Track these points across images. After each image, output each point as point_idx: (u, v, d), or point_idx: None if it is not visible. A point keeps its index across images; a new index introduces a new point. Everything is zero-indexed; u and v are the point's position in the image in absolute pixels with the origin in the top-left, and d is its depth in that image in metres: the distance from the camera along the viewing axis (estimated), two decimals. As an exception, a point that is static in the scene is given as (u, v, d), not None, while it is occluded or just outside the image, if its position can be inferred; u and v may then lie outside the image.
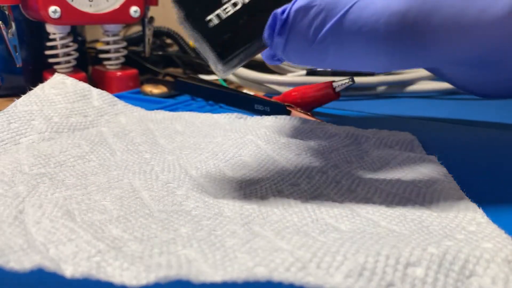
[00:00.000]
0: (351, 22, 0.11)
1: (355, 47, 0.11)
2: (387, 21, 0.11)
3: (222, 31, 0.11)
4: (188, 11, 0.11)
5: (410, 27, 0.11)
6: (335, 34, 0.11)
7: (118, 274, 0.09)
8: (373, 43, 0.11)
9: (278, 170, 0.15)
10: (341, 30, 0.11)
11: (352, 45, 0.11)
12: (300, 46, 0.11)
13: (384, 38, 0.11)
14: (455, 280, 0.09)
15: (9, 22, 0.25)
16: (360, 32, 0.11)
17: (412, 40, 0.11)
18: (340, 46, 0.11)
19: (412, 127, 0.20)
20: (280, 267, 0.08)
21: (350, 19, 0.11)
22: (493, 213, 0.12)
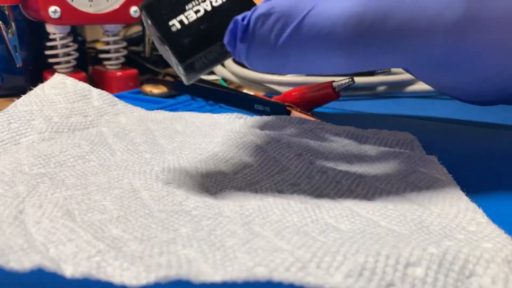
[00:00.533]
0: (310, 27, 0.11)
1: (315, 52, 0.11)
2: (344, 25, 0.11)
3: (183, 35, 0.12)
4: (153, 16, 0.12)
5: (366, 30, 0.11)
6: (295, 40, 0.11)
7: (118, 274, 0.09)
8: (332, 47, 0.11)
9: (278, 170, 0.15)
10: (300, 35, 0.11)
11: (312, 50, 0.11)
12: (262, 52, 0.11)
13: (342, 41, 0.11)
14: (455, 280, 0.09)
15: (9, 22, 0.25)
16: (319, 36, 0.11)
17: (369, 43, 0.11)
18: (301, 51, 0.11)
19: (412, 127, 0.20)
20: (280, 267, 0.08)
21: (308, 24, 0.11)
22: (493, 213, 0.12)
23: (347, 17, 0.11)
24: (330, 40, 0.11)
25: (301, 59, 0.11)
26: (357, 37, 0.11)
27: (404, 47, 0.11)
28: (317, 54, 0.11)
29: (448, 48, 0.12)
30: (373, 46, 0.11)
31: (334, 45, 0.11)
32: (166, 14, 0.12)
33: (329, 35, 0.11)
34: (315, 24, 0.11)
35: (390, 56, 0.12)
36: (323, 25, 0.11)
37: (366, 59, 0.12)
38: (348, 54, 0.11)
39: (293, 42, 0.11)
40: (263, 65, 0.12)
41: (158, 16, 0.12)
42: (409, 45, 0.11)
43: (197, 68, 0.12)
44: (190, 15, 0.12)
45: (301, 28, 0.11)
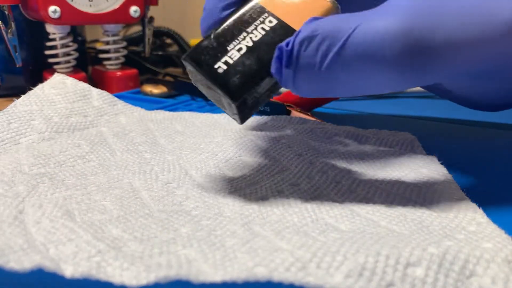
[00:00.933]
0: (355, 47, 0.11)
1: (363, 72, 0.11)
2: (390, 42, 0.11)
3: (231, 74, 0.12)
4: (198, 64, 0.12)
5: (414, 46, 0.11)
6: (341, 60, 0.11)
7: (118, 274, 0.09)
8: (380, 65, 0.11)
9: (278, 170, 0.15)
10: (346, 55, 0.11)
11: (359, 70, 0.11)
12: (308, 76, 0.11)
13: (389, 59, 0.11)
14: (455, 280, 0.09)
15: (9, 22, 0.25)
16: (365, 56, 0.11)
17: (417, 58, 0.11)
18: (348, 72, 0.11)
19: (412, 127, 0.20)
20: (280, 267, 0.08)
21: (354, 44, 0.11)
22: (493, 213, 0.12)
23: (393, 34, 0.11)
24: (376, 58, 0.11)
25: (348, 80, 0.11)
26: (404, 53, 0.11)
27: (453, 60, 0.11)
28: (364, 74, 0.11)
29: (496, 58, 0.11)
30: (422, 61, 0.11)
31: (381, 64, 0.11)
32: (210, 59, 0.12)
33: (376, 54, 0.11)
34: (361, 44, 0.11)
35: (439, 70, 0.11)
36: (368, 44, 0.11)
37: (416, 76, 0.11)
38: (396, 71, 0.11)
39: (339, 63, 0.11)
40: (311, 90, 0.12)
41: (203, 63, 0.12)
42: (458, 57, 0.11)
43: (250, 105, 0.12)
44: (233, 54, 0.12)
45: (346, 48, 0.11)
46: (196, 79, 0.13)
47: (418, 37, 0.11)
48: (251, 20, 0.12)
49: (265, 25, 0.12)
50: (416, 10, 0.11)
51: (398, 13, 0.11)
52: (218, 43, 0.12)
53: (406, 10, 0.11)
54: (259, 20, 0.12)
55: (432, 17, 0.11)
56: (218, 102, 0.13)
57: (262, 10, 0.12)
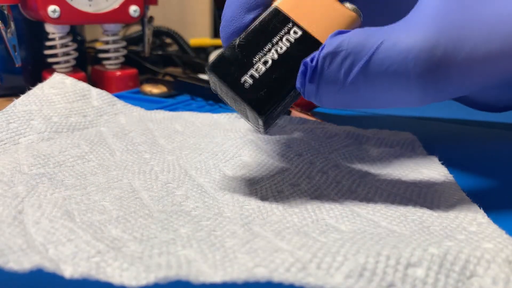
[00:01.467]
0: (379, 64, 0.11)
1: (387, 87, 0.11)
2: (415, 59, 0.11)
3: (257, 89, 0.12)
4: (223, 76, 0.12)
5: (439, 61, 0.11)
6: (364, 76, 0.11)
7: (117, 275, 0.09)
8: (404, 81, 0.11)
9: (278, 170, 0.15)
10: (370, 71, 0.11)
11: (383, 85, 0.11)
12: (331, 90, 0.11)
13: (414, 76, 0.11)
14: (455, 281, 0.08)
15: (8, 21, 0.25)
16: (389, 72, 0.11)
17: (442, 74, 0.11)
18: (371, 88, 0.11)
19: (413, 127, 0.20)
20: (280, 268, 0.08)
21: (378, 60, 0.11)
22: (494, 213, 0.12)
23: (418, 51, 0.11)
24: (400, 75, 0.11)
25: (371, 95, 0.11)
26: (428, 70, 0.11)
27: (478, 74, 0.11)
28: (387, 90, 0.11)
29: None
30: (446, 77, 0.11)
31: (404, 81, 0.11)
32: (236, 71, 0.12)
33: (399, 71, 0.11)
34: (384, 61, 0.11)
35: (462, 85, 0.11)
36: (393, 60, 0.11)
37: (439, 91, 0.11)
38: (420, 88, 0.11)
39: (363, 79, 0.11)
40: (333, 103, 0.12)
41: (228, 75, 0.12)
42: (482, 71, 0.11)
43: (274, 116, 0.12)
44: (259, 67, 0.12)
45: (370, 65, 0.11)
46: (220, 90, 0.13)
47: (442, 54, 0.11)
48: (275, 31, 0.12)
49: (290, 36, 0.12)
50: (441, 23, 0.11)
51: (422, 28, 0.11)
52: (242, 55, 0.12)
53: (430, 24, 0.11)
54: (284, 30, 0.12)
55: (458, 30, 0.11)
56: (241, 112, 0.13)
57: (286, 19, 0.12)
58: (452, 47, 0.11)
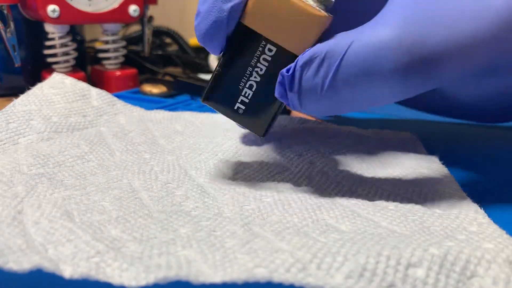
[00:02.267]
0: (352, 63, 0.11)
1: (364, 86, 0.11)
2: (385, 55, 0.11)
3: (251, 112, 0.13)
4: (217, 107, 0.13)
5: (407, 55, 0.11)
6: (341, 79, 0.11)
7: (117, 275, 0.09)
8: (379, 78, 0.11)
9: (278, 170, 0.15)
10: (345, 73, 0.11)
11: (361, 85, 0.11)
12: (313, 97, 0.12)
13: (388, 71, 0.11)
14: (456, 281, 0.08)
15: (8, 21, 0.25)
16: (364, 70, 0.11)
17: (414, 67, 0.11)
18: (351, 89, 0.11)
19: (414, 127, 0.20)
20: (280, 268, 0.08)
21: (350, 61, 0.11)
22: (495, 213, 0.12)
23: (386, 46, 0.11)
24: (375, 72, 0.11)
25: (353, 97, 0.11)
26: (400, 64, 0.11)
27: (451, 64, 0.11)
28: (366, 88, 0.11)
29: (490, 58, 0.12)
30: (419, 69, 0.11)
31: (380, 76, 0.11)
32: (228, 100, 0.13)
33: (373, 67, 0.11)
34: (357, 59, 0.11)
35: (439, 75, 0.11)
36: (364, 59, 0.11)
37: (416, 84, 0.11)
38: (397, 82, 0.11)
39: (340, 81, 0.11)
40: (318, 110, 0.12)
41: (222, 105, 0.13)
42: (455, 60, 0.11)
43: (271, 127, 0.13)
44: (247, 92, 0.12)
45: (343, 66, 0.11)
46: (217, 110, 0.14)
47: (411, 46, 0.11)
48: (251, 52, 0.12)
49: (266, 55, 0.12)
50: (407, 18, 0.11)
51: (390, 24, 0.11)
52: (228, 83, 0.13)
53: (397, 21, 0.11)
54: (259, 50, 0.12)
55: (423, 23, 0.11)
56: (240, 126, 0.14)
57: (258, 37, 0.12)
58: (420, 40, 0.11)
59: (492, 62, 0.12)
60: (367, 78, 0.11)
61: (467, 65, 0.11)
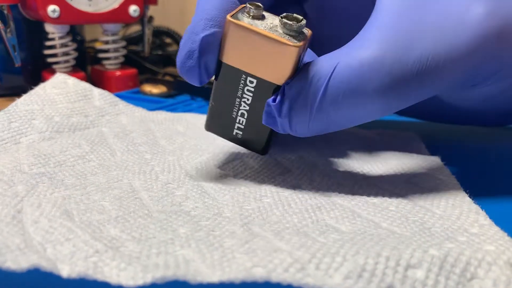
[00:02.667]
0: (338, 85, 0.11)
1: (351, 106, 0.12)
2: (369, 75, 0.11)
3: (249, 135, 0.14)
4: (218, 134, 0.14)
5: (389, 74, 0.11)
6: (328, 101, 0.11)
7: (115, 274, 0.09)
8: (364, 98, 0.11)
9: (279, 172, 0.15)
10: (332, 95, 0.11)
11: (348, 106, 0.11)
12: (303, 121, 0.12)
13: (372, 90, 0.11)
14: (456, 283, 0.08)
15: (8, 21, 0.25)
16: (349, 91, 0.11)
17: (397, 85, 0.11)
18: (339, 111, 0.12)
19: (416, 127, 0.20)
20: (278, 268, 0.08)
21: (336, 82, 0.11)
22: (496, 215, 0.12)
23: (368, 66, 0.11)
24: (360, 92, 0.11)
25: (341, 117, 0.12)
26: (384, 82, 0.11)
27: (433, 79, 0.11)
28: (354, 108, 0.12)
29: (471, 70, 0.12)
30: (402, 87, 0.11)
31: (366, 96, 0.11)
32: (226, 128, 0.14)
33: (358, 88, 0.11)
34: (342, 81, 0.11)
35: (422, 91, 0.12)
36: (349, 80, 0.11)
37: (402, 100, 0.12)
38: (382, 100, 0.11)
39: (328, 104, 0.11)
40: (309, 131, 0.12)
41: (222, 132, 0.14)
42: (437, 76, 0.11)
43: (270, 144, 0.14)
44: (240, 120, 0.13)
45: (330, 89, 0.11)
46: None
47: (392, 65, 0.11)
48: (235, 85, 0.13)
49: (249, 87, 0.13)
50: (387, 38, 0.11)
51: (371, 44, 0.11)
52: (223, 114, 0.13)
53: (377, 40, 0.11)
54: (241, 83, 0.13)
55: (403, 43, 0.11)
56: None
57: (238, 72, 0.12)
58: (400, 60, 0.11)
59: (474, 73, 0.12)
60: (353, 99, 0.11)
61: (448, 80, 0.12)
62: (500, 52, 0.12)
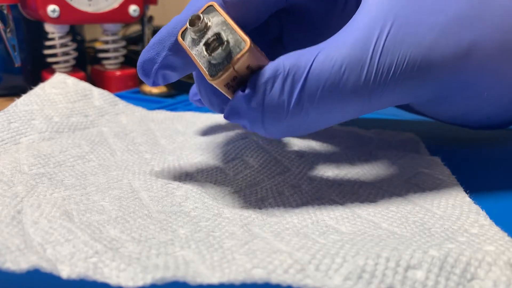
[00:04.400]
0: (317, 78, 0.11)
1: (330, 102, 0.11)
2: (348, 71, 0.11)
3: None
4: None
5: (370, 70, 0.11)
6: (307, 94, 0.11)
7: (114, 275, 0.09)
8: (343, 94, 0.11)
9: (279, 171, 0.15)
10: (311, 88, 0.11)
11: (326, 101, 0.11)
12: (278, 115, 0.11)
13: (351, 87, 0.11)
14: (456, 283, 0.08)
15: (8, 21, 0.25)
16: (328, 86, 0.11)
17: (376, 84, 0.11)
18: (316, 105, 0.11)
19: (416, 127, 0.20)
20: (278, 269, 0.08)
21: (315, 76, 0.11)
22: (496, 215, 0.12)
23: (348, 62, 0.11)
24: (339, 88, 0.11)
25: (318, 114, 0.11)
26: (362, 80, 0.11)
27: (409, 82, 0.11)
28: (332, 105, 0.11)
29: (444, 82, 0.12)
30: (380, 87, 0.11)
31: (344, 92, 0.11)
32: None
33: (338, 83, 0.11)
34: (321, 75, 0.11)
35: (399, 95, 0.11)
36: (328, 74, 0.11)
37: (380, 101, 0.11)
38: (359, 98, 0.11)
39: (306, 97, 0.11)
40: (280, 130, 0.11)
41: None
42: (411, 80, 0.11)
43: None
44: None
45: (309, 81, 0.11)
46: None
47: (371, 64, 0.11)
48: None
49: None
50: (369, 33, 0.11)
51: (351, 42, 0.11)
52: None
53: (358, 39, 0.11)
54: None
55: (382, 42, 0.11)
56: None
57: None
58: (380, 58, 0.11)
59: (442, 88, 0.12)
60: (332, 94, 0.11)
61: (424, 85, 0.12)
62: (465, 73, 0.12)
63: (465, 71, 0.12)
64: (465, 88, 0.13)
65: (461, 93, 0.13)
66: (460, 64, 0.12)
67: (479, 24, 0.12)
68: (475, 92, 0.13)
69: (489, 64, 0.12)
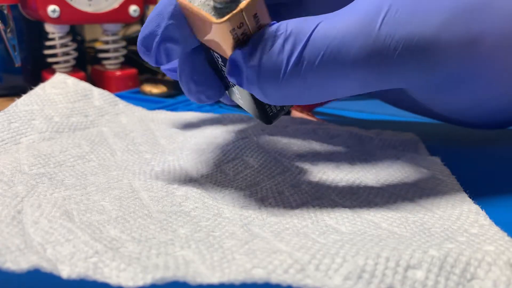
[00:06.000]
0: (319, 44, 0.11)
1: (329, 71, 0.11)
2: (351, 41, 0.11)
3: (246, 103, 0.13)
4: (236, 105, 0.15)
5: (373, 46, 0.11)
6: (306, 59, 0.11)
7: (115, 275, 0.09)
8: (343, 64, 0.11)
9: (279, 171, 0.15)
10: (311, 53, 0.11)
11: (325, 69, 0.11)
12: (275, 76, 0.11)
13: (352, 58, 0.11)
14: (456, 283, 0.08)
15: (8, 21, 0.25)
16: (329, 53, 0.11)
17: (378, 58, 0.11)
18: (315, 72, 0.11)
19: (416, 128, 0.20)
20: (278, 269, 0.08)
21: (317, 41, 0.11)
22: (496, 215, 0.12)
23: (353, 32, 0.11)
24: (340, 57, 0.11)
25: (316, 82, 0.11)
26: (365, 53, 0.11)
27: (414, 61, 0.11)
28: (331, 74, 0.11)
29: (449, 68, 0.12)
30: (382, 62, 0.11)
31: (345, 63, 0.11)
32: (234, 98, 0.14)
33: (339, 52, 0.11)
34: (323, 41, 0.11)
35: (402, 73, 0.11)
36: (330, 41, 0.11)
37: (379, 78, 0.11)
38: (360, 72, 0.11)
39: (305, 62, 0.11)
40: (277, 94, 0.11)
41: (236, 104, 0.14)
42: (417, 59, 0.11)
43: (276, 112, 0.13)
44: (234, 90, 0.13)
45: (310, 46, 0.11)
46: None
47: (377, 37, 0.11)
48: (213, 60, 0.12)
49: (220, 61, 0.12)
50: (380, 7, 0.11)
51: (359, 13, 0.11)
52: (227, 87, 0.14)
53: (367, 10, 0.11)
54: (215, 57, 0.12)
55: (393, 16, 0.11)
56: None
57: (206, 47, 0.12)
58: (388, 31, 0.11)
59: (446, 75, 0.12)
60: (332, 62, 0.11)
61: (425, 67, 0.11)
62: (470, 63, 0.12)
63: (472, 60, 0.12)
64: (470, 79, 0.12)
65: (465, 84, 0.12)
66: (467, 52, 0.11)
67: (489, 13, 0.11)
68: (480, 84, 0.13)
69: (496, 55, 0.12)
